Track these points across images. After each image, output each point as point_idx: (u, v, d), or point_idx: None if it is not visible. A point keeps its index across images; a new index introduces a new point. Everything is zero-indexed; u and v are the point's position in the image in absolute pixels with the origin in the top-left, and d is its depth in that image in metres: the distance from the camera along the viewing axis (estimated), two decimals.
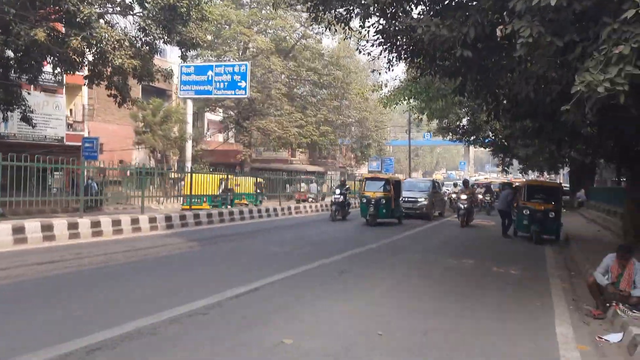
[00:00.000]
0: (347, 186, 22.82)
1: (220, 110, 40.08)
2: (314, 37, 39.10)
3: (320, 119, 37.66)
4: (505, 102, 12.27)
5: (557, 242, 15.14)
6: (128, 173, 25.37)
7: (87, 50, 16.47)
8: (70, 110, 32.80)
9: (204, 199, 23.02)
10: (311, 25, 37.34)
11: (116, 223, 13.48)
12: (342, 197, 19.62)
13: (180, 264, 9.34)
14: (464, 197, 18.92)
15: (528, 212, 14.78)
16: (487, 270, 9.75)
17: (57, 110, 29.32)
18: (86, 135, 30.98)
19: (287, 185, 31.53)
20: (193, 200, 22.32)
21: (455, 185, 27.47)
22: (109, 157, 28.66)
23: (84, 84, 22.35)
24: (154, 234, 13.91)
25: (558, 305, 7.00)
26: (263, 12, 36.17)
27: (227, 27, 34.19)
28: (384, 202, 17.90)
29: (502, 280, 8.82)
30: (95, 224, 12.76)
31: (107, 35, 15.77)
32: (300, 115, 36.77)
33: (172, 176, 25.74)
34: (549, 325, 6.01)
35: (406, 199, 21.23)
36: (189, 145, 32.04)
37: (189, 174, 21.66)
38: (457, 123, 29.79)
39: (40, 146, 26.41)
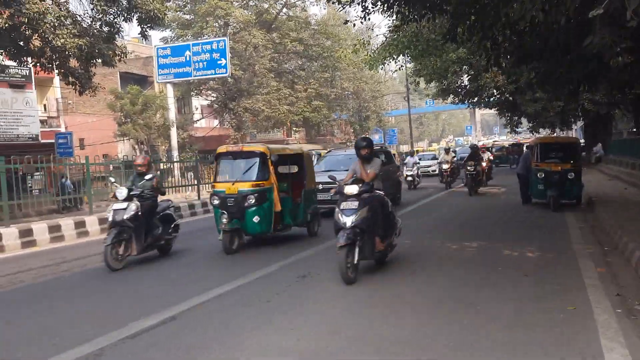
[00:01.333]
0: None
1: (211, 93, 37.91)
2: (299, 4, 36.65)
3: (311, 93, 35.34)
4: (506, 44, 10.03)
5: (579, 207, 12.98)
6: (111, 167, 23.67)
7: (29, 31, 14.39)
8: (44, 105, 30.83)
9: None
10: None
11: (80, 225, 11.65)
12: None
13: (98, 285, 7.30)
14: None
15: (543, 175, 12.56)
16: (495, 256, 7.60)
17: (28, 107, 27.31)
18: (63, 130, 29.08)
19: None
20: None
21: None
22: (91, 152, 26.87)
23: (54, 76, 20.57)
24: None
25: (599, 308, 4.88)
26: None
27: (204, 1, 31.81)
28: (255, 201, 8.90)
29: (516, 268, 6.69)
30: (55, 229, 10.98)
31: (40, 10, 13.62)
32: (289, 91, 34.49)
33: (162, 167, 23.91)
34: (593, 350, 3.91)
35: (321, 186, 11.87)
36: (173, 132, 29.94)
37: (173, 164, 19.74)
38: (458, 83, 27.34)
39: (14, 147, 24.57)
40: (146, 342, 4.44)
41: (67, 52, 14.78)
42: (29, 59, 16.91)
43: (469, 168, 16.97)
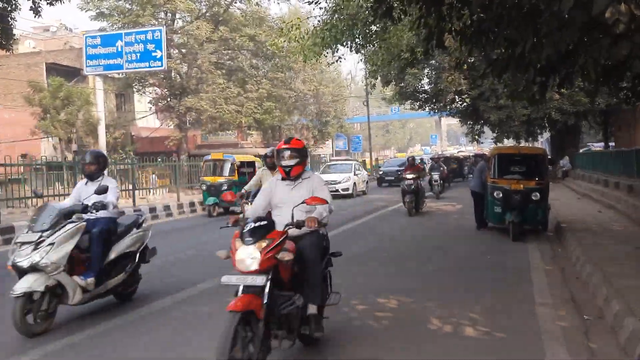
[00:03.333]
0: None
1: (154, 90, 34.64)
2: None
3: (262, 94, 32.35)
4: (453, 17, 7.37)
5: (545, 236, 10.43)
6: (22, 169, 20.60)
7: None
8: None
9: None
10: None
11: None
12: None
13: None
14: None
15: (501, 195, 9.95)
16: (418, 328, 4.86)
17: None
18: None
19: None
20: None
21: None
22: (7, 151, 23.61)
23: None
24: None
25: None
26: None
27: None
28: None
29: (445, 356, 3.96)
30: None
31: None
32: (238, 90, 31.46)
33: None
34: None
35: None
36: (101, 131, 26.58)
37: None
38: (416, 87, 24.85)
39: None
40: None
41: None
42: None
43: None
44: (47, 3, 16.55)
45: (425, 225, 12.91)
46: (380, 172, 32.44)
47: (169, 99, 32.48)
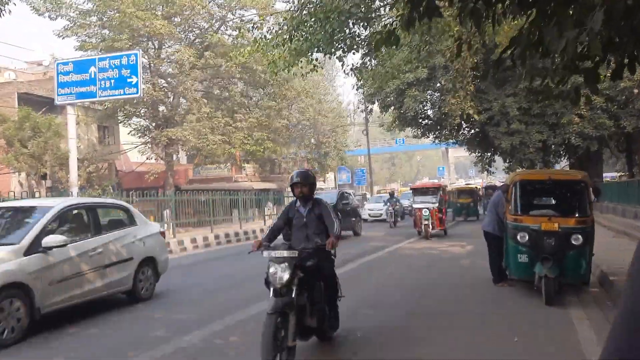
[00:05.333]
0: None
1: (140, 120, 32.35)
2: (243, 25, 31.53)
3: (252, 123, 29.87)
4: None
5: (589, 294, 7.55)
6: None
7: None
8: None
9: None
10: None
11: None
12: None
13: None
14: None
15: (527, 238, 7.14)
16: None
17: None
18: None
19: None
20: None
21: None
22: None
23: None
24: None
25: None
26: None
27: (116, 10, 26.59)
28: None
29: None
30: None
31: None
32: (226, 120, 29.04)
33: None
34: None
35: None
36: (72, 165, 23.99)
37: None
38: (418, 110, 22.20)
39: None
40: None
41: None
42: None
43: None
44: None
45: (429, 271, 10.06)
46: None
47: (150, 130, 30.18)
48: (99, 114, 30.67)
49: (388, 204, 24.30)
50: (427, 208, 16.65)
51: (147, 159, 32.39)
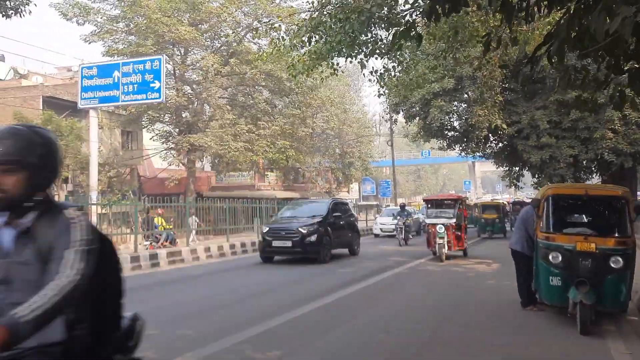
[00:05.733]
0: None
1: (164, 126, 32.37)
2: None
3: (276, 131, 29.51)
4: None
5: (626, 321, 6.82)
6: None
7: None
8: None
9: None
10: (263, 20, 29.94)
11: None
12: None
13: None
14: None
15: (560, 259, 6.46)
16: None
17: None
18: None
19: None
20: None
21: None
22: None
23: None
24: None
25: None
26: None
27: (143, 16, 26.59)
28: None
29: None
30: None
31: None
32: (249, 127, 28.74)
33: None
34: None
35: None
36: (93, 169, 23.95)
37: None
38: (442, 121, 21.51)
39: None
40: None
41: None
42: None
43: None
44: (2, 16, 14.36)
45: (450, 293, 9.38)
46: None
47: (173, 136, 30.13)
48: (123, 119, 30.71)
49: (398, 217, 21.51)
50: (442, 224, 14.16)
51: (169, 165, 32.30)
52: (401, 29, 5.04)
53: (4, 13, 14.17)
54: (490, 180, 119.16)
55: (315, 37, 9.26)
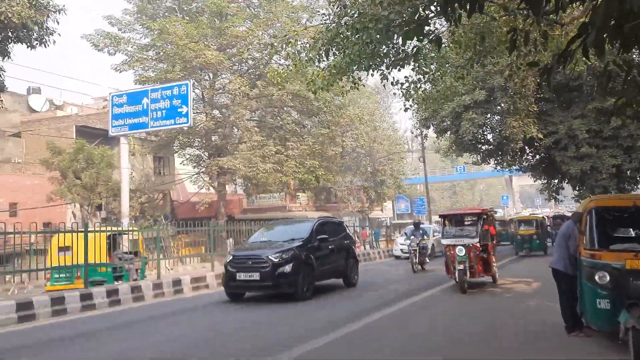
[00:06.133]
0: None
1: (194, 150, 32.57)
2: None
3: (304, 151, 29.21)
4: None
5: None
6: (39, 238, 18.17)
7: None
8: None
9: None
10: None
11: None
12: None
13: None
14: None
15: (607, 279, 5.78)
16: None
17: None
18: None
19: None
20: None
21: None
22: (28, 219, 21.64)
23: None
24: None
25: None
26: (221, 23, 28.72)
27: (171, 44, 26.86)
28: None
29: None
30: None
31: None
32: (277, 148, 28.54)
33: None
34: None
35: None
36: (124, 195, 24.06)
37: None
38: (475, 134, 20.79)
39: None
40: None
41: None
42: None
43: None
44: (27, 47, 14.55)
45: (482, 316, 8.68)
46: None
47: (204, 160, 30.22)
48: (154, 145, 30.97)
49: (412, 237, 18.20)
50: (463, 245, 11.72)
51: (199, 189, 32.36)
52: (411, 27, 4.59)
53: (28, 44, 14.37)
54: (529, 195, 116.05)
55: (332, 49, 8.86)
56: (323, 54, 8.88)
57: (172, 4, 30.88)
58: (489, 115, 21.95)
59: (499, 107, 21.38)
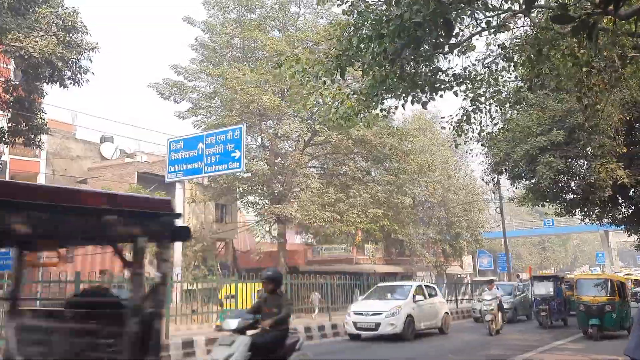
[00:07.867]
0: None
1: (256, 199, 31.72)
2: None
3: (367, 199, 27.29)
4: None
5: None
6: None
7: None
8: None
9: None
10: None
11: None
12: None
13: None
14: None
15: None
16: None
17: None
18: None
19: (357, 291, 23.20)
20: None
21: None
22: (86, 268, 21.62)
23: None
24: None
25: None
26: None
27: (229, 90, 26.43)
28: None
29: None
30: None
31: None
32: (338, 195, 26.88)
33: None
34: None
35: None
36: (177, 245, 23.23)
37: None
38: (551, 178, 18.02)
39: None
40: None
41: None
42: None
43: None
44: (60, 86, 14.10)
45: None
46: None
47: (264, 208, 29.10)
48: (213, 192, 30.37)
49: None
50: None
51: (259, 237, 31.24)
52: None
53: (61, 83, 13.95)
54: (630, 252, 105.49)
55: (344, 64, 7.21)
56: (333, 69, 7.24)
57: (236, 52, 30.82)
58: (570, 159, 19.17)
59: (581, 150, 18.62)
